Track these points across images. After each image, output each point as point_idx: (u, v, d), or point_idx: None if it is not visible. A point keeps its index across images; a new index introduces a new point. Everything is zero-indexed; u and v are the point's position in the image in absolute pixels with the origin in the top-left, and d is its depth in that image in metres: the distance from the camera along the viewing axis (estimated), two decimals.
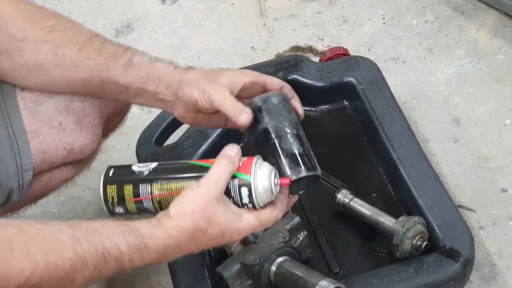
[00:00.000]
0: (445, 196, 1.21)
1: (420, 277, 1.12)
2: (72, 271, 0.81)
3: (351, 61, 1.42)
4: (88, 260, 0.82)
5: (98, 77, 1.01)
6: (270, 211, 0.93)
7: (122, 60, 1.01)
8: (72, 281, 0.81)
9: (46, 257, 0.78)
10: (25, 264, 0.77)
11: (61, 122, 1.03)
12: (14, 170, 1.00)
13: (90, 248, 0.82)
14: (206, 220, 0.88)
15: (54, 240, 0.80)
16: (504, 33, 1.71)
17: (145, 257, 0.87)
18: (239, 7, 1.87)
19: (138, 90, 1.03)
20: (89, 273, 0.82)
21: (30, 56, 0.99)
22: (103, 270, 0.84)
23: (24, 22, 0.98)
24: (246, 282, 1.09)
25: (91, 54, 1.00)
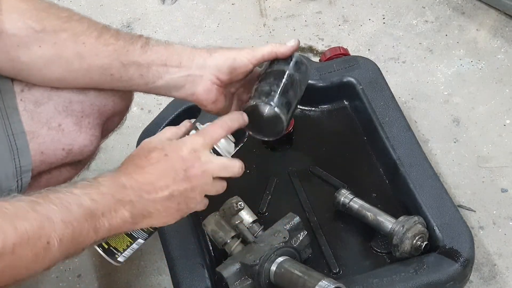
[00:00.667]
0: (445, 196, 1.21)
1: (420, 277, 1.12)
2: (42, 231, 0.80)
3: (351, 61, 1.42)
4: (52, 215, 0.82)
5: (118, 61, 1.02)
6: (213, 126, 0.97)
7: (139, 42, 1.03)
8: (49, 243, 0.81)
9: (11, 224, 0.79)
10: None
11: (60, 123, 1.04)
12: (13, 171, 1.00)
13: (49, 205, 0.82)
14: (146, 148, 0.94)
15: (14, 208, 0.81)
16: (504, 33, 1.71)
17: (102, 191, 0.87)
18: (239, 7, 1.87)
19: (160, 69, 1.04)
20: (60, 229, 0.82)
21: (50, 46, 0.99)
22: (73, 223, 0.83)
23: (40, 14, 0.99)
24: (246, 282, 1.09)
25: (110, 39, 1.01)
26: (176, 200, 0.93)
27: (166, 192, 0.92)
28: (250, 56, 1.05)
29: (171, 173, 0.93)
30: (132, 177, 0.92)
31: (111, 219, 0.88)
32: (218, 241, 1.14)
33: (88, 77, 1.03)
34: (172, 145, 0.95)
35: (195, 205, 0.96)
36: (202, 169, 0.94)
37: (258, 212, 1.26)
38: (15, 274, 0.80)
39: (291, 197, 1.30)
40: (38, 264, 0.82)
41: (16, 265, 0.79)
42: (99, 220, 0.86)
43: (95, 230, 0.86)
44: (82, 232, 0.84)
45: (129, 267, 1.39)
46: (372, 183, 1.30)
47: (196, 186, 0.94)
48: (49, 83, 1.03)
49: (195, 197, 0.95)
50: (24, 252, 0.79)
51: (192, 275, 1.16)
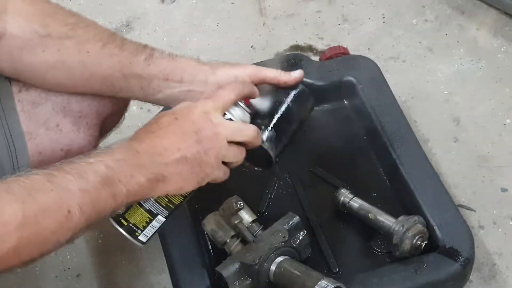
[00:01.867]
0: (445, 195, 1.21)
1: (419, 277, 1.11)
2: (61, 201, 0.81)
3: (351, 60, 1.41)
4: (69, 185, 0.82)
5: (120, 72, 1.02)
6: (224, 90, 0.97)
7: (143, 55, 1.03)
8: (70, 212, 0.81)
9: (30, 194, 0.79)
10: (15, 206, 0.77)
11: (58, 123, 1.03)
12: (11, 172, 1.00)
13: (65, 176, 0.83)
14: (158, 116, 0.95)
15: (30, 180, 0.81)
16: (504, 32, 1.71)
17: (116, 157, 0.87)
18: (238, 6, 1.87)
19: (161, 83, 1.04)
20: (79, 198, 0.82)
21: (53, 52, 0.99)
22: (91, 191, 0.83)
23: (46, 19, 0.98)
24: (246, 282, 1.08)
25: (114, 50, 1.01)
26: (189, 163, 0.92)
27: (178, 155, 0.91)
28: (253, 75, 1.05)
29: (182, 136, 0.92)
30: (144, 141, 0.91)
31: (128, 184, 0.87)
32: (218, 240, 1.14)
33: (88, 86, 1.04)
34: (183, 109, 0.95)
35: (211, 170, 0.94)
36: (214, 131, 0.93)
37: (258, 212, 1.26)
38: (40, 245, 0.81)
39: (291, 197, 1.29)
40: (62, 234, 0.82)
41: (40, 235, 0.80)
42: (116, 186, 0.86)
43: (113, 197, 0.86)
44: (100, 199, 0.85)
45: (128, 267, 1.39)
46: (372, 183, 1.30)
47: (209, 148, 0.93)
48: (49, 87, 1.03)
49: (210, 161, 0.94)
50: (46, 222, 0.80)
51: (191, 274, 1.16)
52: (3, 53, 0.97)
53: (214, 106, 0.95)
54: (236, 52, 1.76)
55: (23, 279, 1.38)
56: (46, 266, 1.39)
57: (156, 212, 0.98)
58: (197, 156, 0.93)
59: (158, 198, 0.98)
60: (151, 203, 0.97)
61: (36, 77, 1.01)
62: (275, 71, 1.07)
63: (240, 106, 0.99)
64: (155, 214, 0.98)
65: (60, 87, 1.03)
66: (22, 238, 0.78)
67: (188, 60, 1.06)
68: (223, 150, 0.95)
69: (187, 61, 1.06)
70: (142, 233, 0.98)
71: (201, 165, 0.93)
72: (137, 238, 0.98)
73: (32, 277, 1.38)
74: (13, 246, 0.77)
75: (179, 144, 0.92)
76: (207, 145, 0.93)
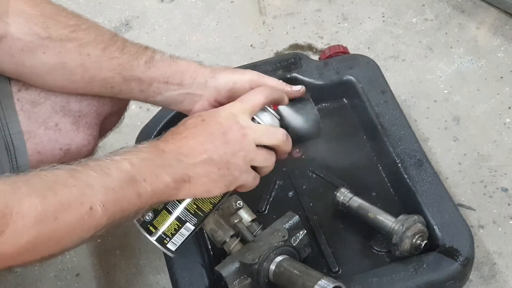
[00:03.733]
0: (444, 194, 1.21)
1: (419, 276, 1.11)
2: (83, 197, 0.80)
3: (351, 59, 1.41)
4: (92, 181, 0.81)
5: (120, 75, 1.02)
6: (253, 92, 0.97)
7: (144, 57, 1.03)
8: (92, 208, 0.80)
9: (51, 189, 0.78)
10: (34, 199, 0.76)
11: (57, 123, 1.03)
12: (10, 171, 1.00)
13: (89, 172, 0.82)
14: (185, 119, 0.95)
15: (53, 174, 0.80)
16: (504, 31, 1.71)
17: (142, 156, 0.87)
18: (238, 4, 1.87)
19: (161, 85, 1.04)
20: (102, 194, 0.81)
21: (54, 54, 0.99)
22: (114, 188, 0.83)
23: (47, 21, 0.98)
24: (245, 281, 1.08)
25: (115, 53, 1.01)
26: (216, 165, 0.91)
27: (205, 156, 0.91)
28: (253, 82, 1.05)
29: (209, 137, 0.92)
30: (170, 142, 0.91)
31: (153, 184, 0.87)
32: (217, 240, 1.14)
33: (88, 88, 1.03)
34: (210, 111, 0.95)
35: (240, 173, 0.93)
36: (242, 133, 0.93)
37: (257, 211, 1.26)
38: (60, 241, 0.80)
39: (290, 196, 1.29)
40: (83, 231, 0.81)
41: (60, 231, 0.79)
42: (140, 185, 0.85)
43: (138, 195, 0.85)
44: (124, 197, 0.84)
45: (127, 266, 1.38)
46: (372, 182, 1.30)
47: (237, 150, 0.92)
48: (49, 89, 1.03)
49: (238, 164, 0.93)
50: (67, 218, 0.79)
51: (190, 274, 1.16)
52: (4, 55, 0.97)
53: (242, 109, 0.95)
54: (236, 51, 1.76)
55: (22, 278, 1.38)
56: (45, 265, 1.39)
57: (185, 219, 0.97)
58: (224, 158, 0.92)
59: (187, 205, 0.96)
60: (180, 210, 0.96)
61: (37, 79, 1.01)
62: (276, 81, 1.06)
63: (268, 111, 0.98)
64: (183, 221, 0.97)
65: (60, 89, 1.03)
66: (40, 233, 0.77)
67: (189, 63, 1.06)
68: (251, 153, 0.94)
69: (188, 64, 1.06)
70: (171, 241, 0.97)
71: (229, 167, 0.92)
72: (165, 246, 0.97)
73: (31, 276, 1.38)
74: (31, 240, 0.76)
75: (205, 145, 0.91)
76: (234, 147, 0.92)
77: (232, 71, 1.07)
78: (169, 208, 0.96)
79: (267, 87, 1.01)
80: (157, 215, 0.96)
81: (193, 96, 1.06)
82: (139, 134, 1.38)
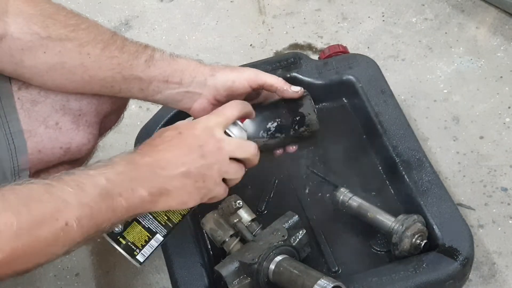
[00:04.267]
0: (444, 194, 1.20)
1: (419, 276, 1.11)
2: (58, 213, 0.80)
3: (350, 59, 1.41)
4: (67, 197, 0.81)
5: (120, 75, 1.02)
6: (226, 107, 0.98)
7: (144, 56, 1.03)
8: (67, 224, 0.80)
9: (26, 205, 0.78)
10: (9, 216, 0.76)
11: (57, 121, 1.03)
12: (11, 170, 1.00)
13: (64, 187, 0.82)
14: (161, 130, 0.94)
15: (28, 190, 0.80)
16: (503, 31, 1.71)
17: (118, 170, 0.87)
18: (238, 4, 1.87)
19: (160, 84, 1.04)
20: (77, 210, 0.81)
21: (54, 54, 0.99)
22: (89, 203, 0.82)
23: (46, 20, 0.98)
24: (245, 281, 1.08)
25: (115, 52, 1.01)
26: (193, 177, 0.91)
27: (183, 168, 0.91)
28: (251, 80, 1.05)
29: (186, 149, 0.92)
30: (146, 155, 0.91)
31: (128, 199, 0.86)
32: (217, 239, 1.14)
33: (88, 87, 1.04)
34: (186, 124, 0.95)
35: (214, 185, 0.94)
36: (217, 146, 0.93)
37: (257, 211, 1.26)
38: (35, 256, 0.80)
39: (290, 196, 1.29)
40: (58, 247, 0.81)
41: (35, 247, 0.78)
42: (116, 200, 0.85)
43: (113, 210, 0.85)
44: (100, 213, 0.83)
45: (127, 266, 1.38)
46: (371, 182, 1.30)
47: (213, 163, 0.93)
48: (49, 88, 1.03)
49: (213, 175, 0.93)
50: (42, 234, 0.78)
51: (190, 273, 1.16)
52: (4, 54, 0.97)
53: (216, 122, 0.95)
54: (235, 51, 1.76)
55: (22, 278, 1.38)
56: (45, 265, 1.38)
57: (155, 231, 0.97)
58: (201, 170, 0.92)
59: (157, 216, 0.96)
60: (150, 220, 0.96)
61: (36, 79, 1.01)
62: (275, 79, 1.06)
63: (238, 124, 0.99)
64: (154, 232, 0.97)
65: (59, 88, 1.03)
66: (16, 249, 0.76)
67: (189, 61, 1.06)
68: (225, 165, 0.94)
69: (187, 62, 1.06)
70: (140, 252, 0.97)
71: (205, 179, 0.93)
72: (135, 258, 0.97)
73: (30, 276, 1.38)
74: (6, 256, 0.76)
75: (183, 157, 0.91)
76: (210, 159, 0.92)
77: (231, 70, 1.07)
78: (139, 219, 0.96)
79: (239, 101, 1.01)
80: (127, 226, 0.96)
81: (192, 95, 1.06)
82: (139, 134, 1.38)
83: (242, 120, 1.00)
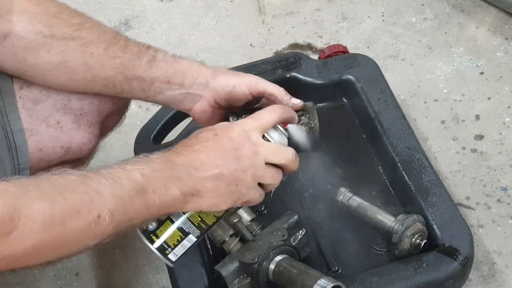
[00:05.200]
0: (444, 194, 1.20)
1: (419, 276, 1.11)
2: (92, 204, 0.80)
3: (350, 59, 1.41)
4: (102, 189, 0.81)
5: (122, 74, 1.02)
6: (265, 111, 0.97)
7: (146, 57, 1.03)
8: (99, 216, 0.80)
9: (61, 194, 0.78)
10: (43, 203, 0.76)
11: (58, 120, 1.03)
12: (12, 169, 1.00)
13: (100, 179, 0.82)
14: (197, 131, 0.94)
15: (64, 180, 0.80)
16: (503, 31, 1.71)
17: (153, 167, 0.86)
18: (237, 4, 1.87)
19: (162, 85, 1.04)
20: (111, 203, 0.81)
21: (57, 53, 0.99)
22: (124, 197, 0.82)
23: (50, 19, 0.98)
24: (245, 281, 1.08)
25: (118, 52, 1.01)
26: (226, 180, 0.91)
27: (216, 170, 0.90)
28: (252, 86, 1.05)
29: (221, 152, 0.91)
30: (182, 154, 0.91)
31: (162, 196, 0.86)
32: (217, 239, 1.13)
33: (90, 86, 1.04)
34: (223, 126, 0.95)
35: (247, 190, 0.93)
36: (253, 150, 0.92)
37: (257, 210, 1.26)
38: (65, 247, 0.80)
39: (290, 196, 1.29)
40: (89, 238, 0.81)
41: (67, 236, 0.79)
42: (149, 196, 0.85)
43: (146, 206, 0.85)
44: (133, 207, 0.84)
45: (127, 266, 1.38)
46: (371, 181, 1.29)
47: (247, 167, 0.92)
48: (51, 87, 1.03)
49: (247, 180, 0.92)
50: (74, 224, 0.78)
51: (190, 273, 1.15)
52: (7, 53, 0.97)
53: (254, 126, 0.94)
54: (235, 50, 1.76)
55: (22, 278, 1.38)
56: None
57: (188, 231, 0.96)
58: (234, 174, 0.91)
59: (191, 217, 0.96)
60: (184, 221, 0.96)
61: (39, 77, 1.01)
62: (276, 88, 1.06)
63: (278, 129, 0.98)
64: (186, 232, 0.96)
65: (62, 87, 1.03)
66: (47, 237, 0.77)
67: (191, 63, 1.06)
68: (261, 170, 0.93)
69: (189, 64, 1.06)
70: (172, 252, 0.96)
71: (238, 183, 0.92)
72: (167, 257, 0.96)
73: (30, 275, 1.38)
74: (37, 244, 0.76)
75: (217, 159, 0.91)
76: (245, 163, 0.92)
77: (233, 75, 1.07)
78: (173, 218, 0.96)
79: (281, 106, 1.01)
80: (161, 225, 0.95)
81: (193, 96, 1.06)
82: (139, 134, 1.38)
83: (284, 125, 0.99)
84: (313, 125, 1.07)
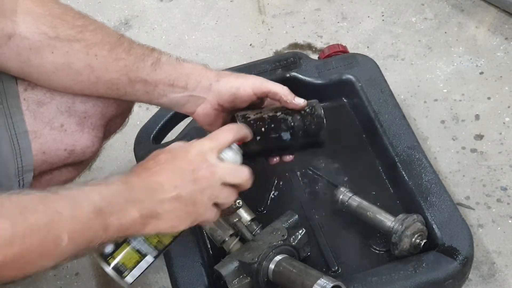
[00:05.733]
0: (444, 194, 1.20)
1: (419, 275, 1.11)
2: (51, 224, 0.79)
3: (350, 59, 1.41)
4: (61, 210, 0.81)
5: (126, 77, 1.02)
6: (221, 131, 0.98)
7: (150, 59, 1.03)
8: (59, 237, 0.80)
9: (22, 214, 0.78)
10: (4, 223, 0.76)
11: (62, 123, 1.03)
12: (15, 171, 1.00)
13: (59, 200, 0.82)
14: (155, 153, 0.94)
15: (24, 200, 0.80)
16: (503, 31, 1.71)
17: (112, 189, 0.86)
18: (237, 4, 1.87)
19: (166, 88, 1.04)
20: (70, 224, 0.81)
21: (61, 54, 0.98)
22: (82, 219, 0.82)
23: (55, 21, 0.98)
24: (244, 280, 1.08)
25: (122, 54, 1.01)
26: (184, 201, 0.91)
27: (174, 193, 0.90)
28: (256, 87, 1.05)
29: (179, 174, 0.91)
30: (140, 177, 0.91)
31: (121, 218, 0.86)
32: (217, 239, 1.14)
33: (94, 89, 1.04)
34: (180, 147, 0.95)
35: (204, 210, 0.93)
36: (210, 171, 0.93)
37: (257, 210, 1.26)
38: (24, 266, 0.79)
39: (290, 195, 1.29)
40: (48, 259, 0.81)
41: (25, 256, 0.78)
42: (108, 218, 0.85)
43: (105, 228, 0.85)
44: (91, 229, 0.83)
45: None
46: (371, 181, 1.30)
47: (204, 188, 0.92)
48: (55, 89, 1.03)
49: (204, 200, 0.93)
50: (33, 244, 0.78)
51: (190, 273, 1.16)
52: (11, 53, 0.97)
53: (210, 147, 0.94)
54: (235, 50, 1.76)
55: None
56: None
57: (145, 252, 0.96)
58: (193, 195, 0.92)
59: (148, 238, 0.96)
60: (141, 242, 0.95)
61: (43, 79, 1.01)
62: (281, 88, 1.06)
63: (233, 148, 0.98)
64: (144, 254, 0.96)
65: (65, 89, 1.03)
66: (6, 257, 0.76)
67: (195, 66, 1.06)
68: (217, 191, 0.94)
69: (193, 67, 1.06)
70: (130, 274, 0.96)
71: (195, 204, 0.92)
72: (124, 279, 0.96)
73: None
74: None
75: (175, 181, 0.91)
76: (202, 184, 0.92)
77: (236, 77, 1.07)
78: (130, 240, 0.95)
79: (235, 124, 1.01)
80: (118, 247, 0.95)
81: (197, 99, 1.06)
82: (139, 133, 1.38)
83: (238, 143, 1.00)
84: (315, 120, 1.06)
